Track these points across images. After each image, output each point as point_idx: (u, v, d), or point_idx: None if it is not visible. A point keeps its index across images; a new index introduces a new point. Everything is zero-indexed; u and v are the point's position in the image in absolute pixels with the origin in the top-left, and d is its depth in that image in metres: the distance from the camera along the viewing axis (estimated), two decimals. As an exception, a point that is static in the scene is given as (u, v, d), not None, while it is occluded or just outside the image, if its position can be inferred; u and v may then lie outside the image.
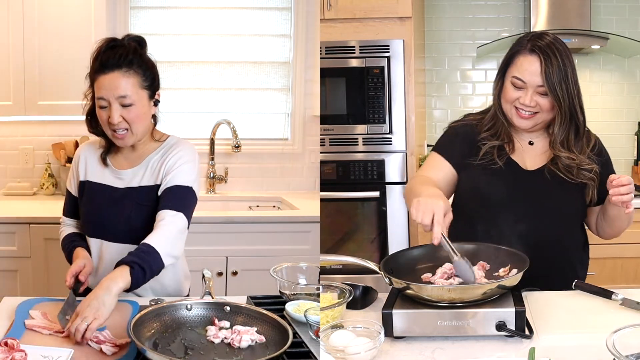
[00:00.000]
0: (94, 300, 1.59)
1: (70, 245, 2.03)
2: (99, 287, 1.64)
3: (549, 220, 1.90)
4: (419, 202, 1.64)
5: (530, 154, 1.97)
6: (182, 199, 1.94)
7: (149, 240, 1.81)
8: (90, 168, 2.03)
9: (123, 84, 1.86)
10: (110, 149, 2.02)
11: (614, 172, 1.98)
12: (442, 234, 1.60)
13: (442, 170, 1.98)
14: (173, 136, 2.08)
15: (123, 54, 1.87)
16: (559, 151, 1.90)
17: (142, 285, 1.78)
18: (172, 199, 1.92)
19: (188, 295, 2.10)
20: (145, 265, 1.74)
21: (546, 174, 1.91)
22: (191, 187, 1.97)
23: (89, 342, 1.53)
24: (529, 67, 1.83)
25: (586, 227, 2.09)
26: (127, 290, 1.73)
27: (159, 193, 1.95)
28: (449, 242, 1.61)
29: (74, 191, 2.07)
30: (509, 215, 1.88)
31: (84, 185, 2.03)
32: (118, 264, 1.73)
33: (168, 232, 1.85)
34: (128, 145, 1.98)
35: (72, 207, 2.10)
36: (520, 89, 1.85)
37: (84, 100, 1.97)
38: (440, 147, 2.03)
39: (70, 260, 2.00)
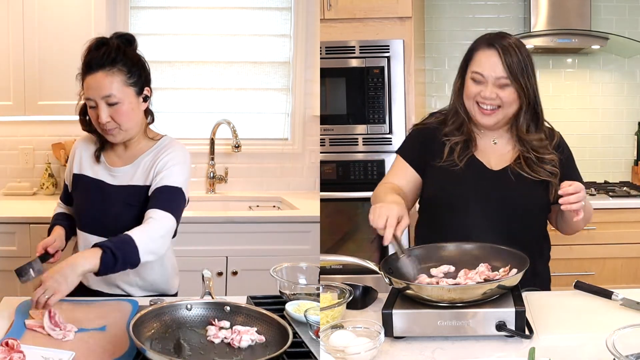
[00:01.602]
0: (58, 274, 1.64)
1: (53, 223, 2.13)
2: (65, 262, 1.67)
3: (512, 217, 1.91)
4: (374, 208, 1.72)
5: (495, 154, 1.99)
6: (171, 199, 1.95)
7: (132, 232, 1.81)
8: (85, 162, 2.06)
9: (107, 83, 1.89)
10: (104, 146, 2.05)
11: (576, 171, 2.02)
12: (394, 235, 1.66)
13: (405, 175, 2.02)
14: (167, 136, 2.09)
15: (106, 53, 1.90)
16: (525, 135, 1.93)
17: (111, 273, 1.77)
18: (162, 199, 1.93)
19: (177, 293, 2.13)
20: (118, 253, 1.72)
21: (509, 174, 1.93)
22: (180, 188, 1.98)
23: (46, 326, 1.58)
24: (488, 60, 1.86)
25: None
26: (96, 274, 1.72)
27: (149, 193, 1.96)
28: (399, 243, 1.67)
29: (68, 182, 2.14)
30: (475, 213, 1.90)
31: (77, 179, 2.07)
32: (94, 246, 1.74)
33: (153, 231, 1.85)
34: (119, 142, 2.00)
35: (66, 196, 2.17)
36: (480, 84, 1.88)
37: (78, 100, 2.00)
38: (404, 151, 2.06)
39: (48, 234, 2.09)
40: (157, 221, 1.87)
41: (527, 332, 1.51)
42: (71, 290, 1.64)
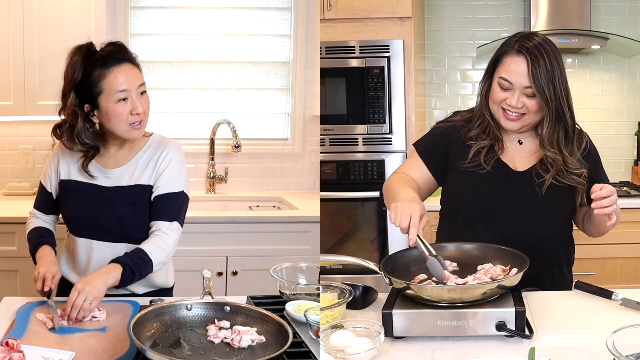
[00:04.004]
0: (92, 284, 1.72)
1: (38, 240, 2.00)
2: (94, 276, 1.77)
3: (539, 221, 1.90)
4: (396, 206, 1.69)
5: (520, 154, 1.96)
6: (174, 206, 1.99)
7: (146, 247, 1.90)
8: (73, 167, 2.02)
9: (137, 72, 1.92)
10: (88, 155, 1.98)
11: (603, 172, 1.99)
12: (418, 235, 1.65)
13: (419, 171, 2.00)
14: (156, 134, 2.08)
15: (123, 50, 1.91)
16: (547, 150, 1.88)
17: (129, 285, 1.91)
18: (165, 208, 1.97)
19: (173, 287, 2.14)
20: (136, 270, 1.86)
21: (534, 176, 1.91)
22: (182, 191, 2.01)
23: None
24: (516, 68, 1.81)
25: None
26: (116, 287, 1.86)
27: (152, 199, 1.98)
28: (425, 242, 1.66)
29: (50, 188, 2.05)
30: (501, 216, 1.89)
31: (66, 185, 2.02)
32: (112, 261, 1.84)
33: (164, 244, 1.93)
34: (140, 137, 1.99)
35: (45, 203, 2.08)
36: (507, 90, 1.84)
37: (61, 115, 1.93)
38: (421, 149, 2.03)
39: (32, 253, 1.99)
40: (167, 235, 1.95)
41: (527, 332, 1.51)
42: (102, 297, 1.75)
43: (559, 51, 1.85)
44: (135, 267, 1.85)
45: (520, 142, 1.97)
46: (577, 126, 1.92)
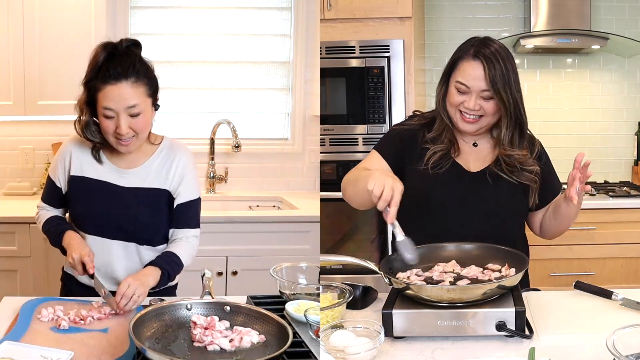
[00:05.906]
0: (142, 278, 1.83)
1: (58, 228, 2.00)
2: (139, 277, 1.84)
3: (490, 219, 1.91)
4: (379, 176, 1.66)
5: (474, 156, 1.98)
6: (196, 213, 2.09)
7: (180, 252, 2.00)
8: (85, 163, 2.01)
9: (132, 94, 1.86)
10: (100, 147, 1.99)
11: (555, 174, 2.03)
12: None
13: (380, 166, 1.99)
14: (166, 137, 2.10)
15: (130, 64, 1.86)
16: (508, 150, 1.91)
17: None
18: (189, 216, 2.07)
19: (176, 284, 2.16)
20: (171, 273, 1.97)
21: (487, 177, 1.93)
22: (199, 197, 2.09)
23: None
24: (473, 73, 1.83)
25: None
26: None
27: (174, 206, 2.03)
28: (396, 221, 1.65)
29: (60, 183, 2.05)
30: (454, 217, 1.90)
31: (77, 181, 2.01)
32: (151, 264, 1.94)
33: (193, 250, 2.07)
34: (131, 151, 1.98)
35: (54, 197, 2.08)
36: (464, 94, 1.86)
37: (76, 110, 1.93)
38: (381, 148, 2.03)
39: (56, 242, 1.98)
40: (194, 241, 2.08)
41: (527, 332, 1.52)
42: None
43: (512, 56, 1.88)
44: (172, 271, 1.96)
45: (475, 145, 1.99)
46: (528, 131, 1.95)
